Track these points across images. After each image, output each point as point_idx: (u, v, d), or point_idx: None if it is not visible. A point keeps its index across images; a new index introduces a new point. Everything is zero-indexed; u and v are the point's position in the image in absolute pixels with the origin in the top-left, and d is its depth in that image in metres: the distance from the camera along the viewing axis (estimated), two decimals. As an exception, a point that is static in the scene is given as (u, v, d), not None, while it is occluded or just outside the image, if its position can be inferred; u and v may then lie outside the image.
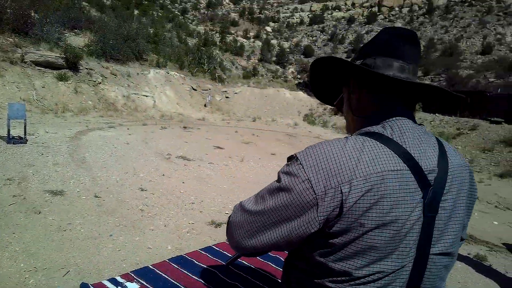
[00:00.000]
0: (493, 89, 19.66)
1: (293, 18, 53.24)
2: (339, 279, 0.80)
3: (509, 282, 3.53)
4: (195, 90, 19.61)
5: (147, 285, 1.63)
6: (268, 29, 46.94)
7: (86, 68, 14.69)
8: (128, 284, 1.62)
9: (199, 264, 1.89)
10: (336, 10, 54.04)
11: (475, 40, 34.85)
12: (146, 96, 16.34)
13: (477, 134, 13.50)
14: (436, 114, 16.06)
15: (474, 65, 29.19)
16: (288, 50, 37.46)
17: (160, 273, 1.74)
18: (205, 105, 18.70)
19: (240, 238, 0.89)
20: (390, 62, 0.87)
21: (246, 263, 1.93)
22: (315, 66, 1.00)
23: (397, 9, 49.98)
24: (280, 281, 1.92)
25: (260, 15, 52.63)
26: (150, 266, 1.80)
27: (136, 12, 32.84)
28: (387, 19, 47.61)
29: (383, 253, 0.76)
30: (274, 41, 40.28)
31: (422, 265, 0.81)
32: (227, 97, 20.29)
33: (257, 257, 2.03)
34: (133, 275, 1.68)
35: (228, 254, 2.08)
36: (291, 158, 0.83)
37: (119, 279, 1.65)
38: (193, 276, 1.74)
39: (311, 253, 0.83)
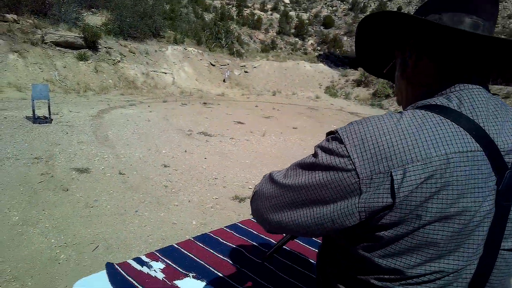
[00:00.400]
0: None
1: (312, -13, 51.20)
2: (387, 277, 0.68)
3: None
4: (214, 65, 19.41)
5: (172, 264, 1.59)
6: (286, 0, 45.42)
7: (105, 47, 14.71)
8: (153, 263, 1.59)
9: (225, 242, 1.84)
10: (357, -24, 51.50)
11: (508, 4, 32.58)
12: (165, 73, 16.30)
13: (511, 102, 12.81)
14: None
15: (506, 30, 27.42)
16: (307, 21, 36.26)
17: (185, 252, 1.70)
18: (224, 81, 18.52)
19: (265, 210, 0.76)
20: (461, 18, 0.69)
21: (273, 241, 1.87)
22: (364, 26, 0.80)
23: (423, -28, 47.15)
24: (307, 258, 1.86)
25: (278, -15, 50.86)
26: (175, 245, 1.77)
27: (151, -12, 32.37)
28: (412, -16, 45.00)
29: (444, 250, 0.63)
30: (292, 13, 39.04)
31: (491, 263, 0.68)
32: (246, 72, 19.99)
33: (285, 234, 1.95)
34: (158, 254, 1.65)
35: (253, 232, 2.02)
36: (331, 133, 0.68)
37: (144, 258, 1.62)
38: (218, 255, 1.69)
39: (353, 246, 0.71)
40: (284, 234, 1.17)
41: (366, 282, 0.71)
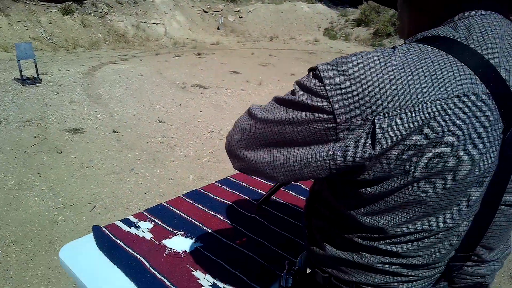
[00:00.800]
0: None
1: None
2: (371, 235, 0.62)
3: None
4: (206, 12, 18.48)
5: (161, 223, 1.55)
6: None
7: (90, -1, 13.93)
8: (141, 223, 1.55)
9: (215, 197, 1.79)
10: None
11: None
12: (156, 23, 15.59)
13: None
14: None
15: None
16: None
17: (175, 209, 1.66)
18: (218, 28, 17.75)
19: (237, 144, 0.68)
20: None
21: (264, 193, 1.82)
22: None
23: None
24: (299, 209, 1.82)
25: None
26: (164, 203, 1.72)
27: None
28: None
29: (433, 208, 0.56)
30: None
31: (488, 220, 0.61)
32: (240, 17, 19.08)
33: (282, 188, 1.89)
34: (146, 214, 1.61)
35: (245, 185, 1.97)
36: (312, 69, 0.57)
37: (132, 219, 1.58)
38: (208, 211, 1.64)
39: (337, 201, 0.64)
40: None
41: (349, 240, 0.65)
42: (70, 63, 9.07)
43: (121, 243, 1.46)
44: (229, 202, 1.77)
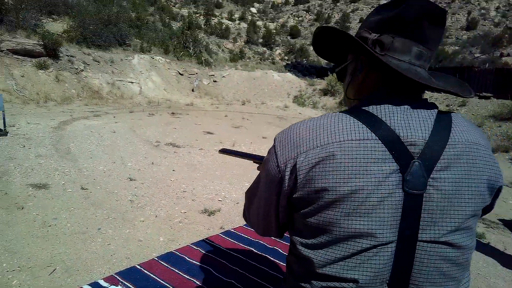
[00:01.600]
0: (478, 64, 19.66)
1: (279, -2, 52.12)
2: (303, 269, 0.78)
3: (509, 259, 3.50)
4: (182, 74, 19.16)
5: (133, 287, 1.49)
6: (253, 10, 45.95)
7: (67, 55, 14.14)
8: (112, 287, 1.48)
9: (191, 260, 1.75)
10: (322, -12, 53.09)
11: (460, 16, 34.74)
12: (132, 82, 15.89)
13: (467, 110, 13.49)
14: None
15: (459, 41, 29.15)
16: (274, 31, 36.83)
17: (149, 273, 1.60)
18: (192, 90, 18.32)
19: (245, 209, 0.99)
20: (410, 46, 0.75)
21: (242, 257, 1.80)
22: (320, 33, 0.87)
23: (383, -14, 49.30)
24: (277, 275, 1.80)
25: (245, -4, 51.37)
26: (137, 266, 1.66)
27: (116, -5, 31.62)
28: (373, -4, 46.97)
29: (345, 230, 0.70)
30: (260, 23, 39.52)
31: (408, 254, 0.69)
32: (215, 81, 19.89)
33: (254, 249, 1.88)
34: (117, 277, 1.54)
35: (221, 247, 1.95)
36: None
37: (102, 282, 1.51)
38: (184, 275, 1.60)
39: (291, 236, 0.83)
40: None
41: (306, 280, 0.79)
42: (40, 116, 8.90)
43: (92, 310, 1.38)
44: (206, 266, 1.73)
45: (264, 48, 32.04)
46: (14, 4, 15.00)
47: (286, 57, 30.74)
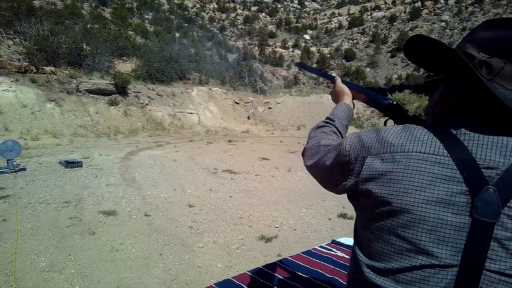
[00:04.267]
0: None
1: (331, 24, 52.47)
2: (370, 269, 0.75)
3: None
4: (238, 103, 19.82)
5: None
6: (307, 37, 46.64)
7: (134, 92, 15.45)
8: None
9: (248, 288, 1.72)
10: (376, 10, 52.47)
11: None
12: (191, 113, 16.78)
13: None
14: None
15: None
16: (328, 55, 36.86)
17: (207, 300, 1.60)
18: (248, 118, 18.79)
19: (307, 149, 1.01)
20: None
21: (301, 286, 1.73)
22: (416, 41, 0.77)
23: (442, 1, 47.30)
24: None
25: (298, 24, 52.53)
26: (195, 292, 1.67)
27: (177, 34, 34.26)
28: (433, 13, 45.22)
29: (399, 242, 0.68)
30: (313, 48, 39.91)
31: (472, 280, 0.63)
32: (269, 108, 20.25)
33: (313, 279, 1.80)
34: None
35: (279, 276, 1.89)
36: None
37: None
38: (242, 303, 1.57)
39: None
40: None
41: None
42: (110, 148, 9.70)
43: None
44: (263, 295, 1.69)
45: (318, 73, 32.05)
46: (91, 50, 16.92)
47: (340, 80, 30.42)
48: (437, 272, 0.65)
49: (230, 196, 5.72)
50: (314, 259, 2.03)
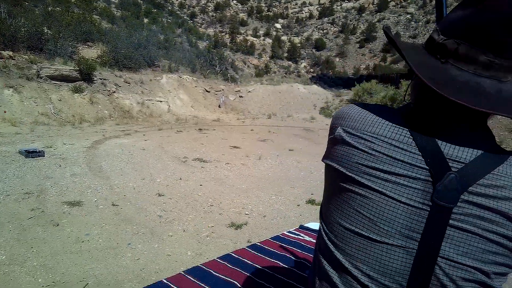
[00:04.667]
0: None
1: (302, 13, 52.65)
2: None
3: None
4: (208, 92, 19.58)
5: (159, 302, 1.48)
6: (278, 26, 46.58)
7: (100, 79, 14.85)
8: (139, 301, 1.49)
9: (217, 274, 1.73)
10: (345, 1, 53.14)
11: None
12: (160, 101, 16.41)
13: (504, 115, 12.83)
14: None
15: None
16: (299, 45, 37.04)
17: (175, 287, 1.60)
18: (219, 106, 18.64)
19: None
20: (476, 54, 0.63)
21: (268, 271, 1.76)
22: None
23: (408, -7, 48.55)
24: None
25: (269, 12, 52.29)
26: (164, 280, 1.66)
27: (146, 20, 33.14)
28: (399, 5, 46.39)
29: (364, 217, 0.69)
30: (284, 37, 39.95)
31: (427, 265, 0.64)
32: (240, 97, 20.17)
33: (281, 263, 1.84)
34: (144, 291, 1.54)
35: (248, 261, 1.91)
36: None
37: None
38: (210, 289, 1.58)
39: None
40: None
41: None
42: (75, 137, 9.33)
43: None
44: (232, 280, 1.70)
45: (289, 62, 32.24)
46: (52, 34, 16.03)
47: (311, 70, 30.77)
48: (388, 249, 0.66)
49: (201, 185, 5.69)
50: (282, 244, 2.07)
